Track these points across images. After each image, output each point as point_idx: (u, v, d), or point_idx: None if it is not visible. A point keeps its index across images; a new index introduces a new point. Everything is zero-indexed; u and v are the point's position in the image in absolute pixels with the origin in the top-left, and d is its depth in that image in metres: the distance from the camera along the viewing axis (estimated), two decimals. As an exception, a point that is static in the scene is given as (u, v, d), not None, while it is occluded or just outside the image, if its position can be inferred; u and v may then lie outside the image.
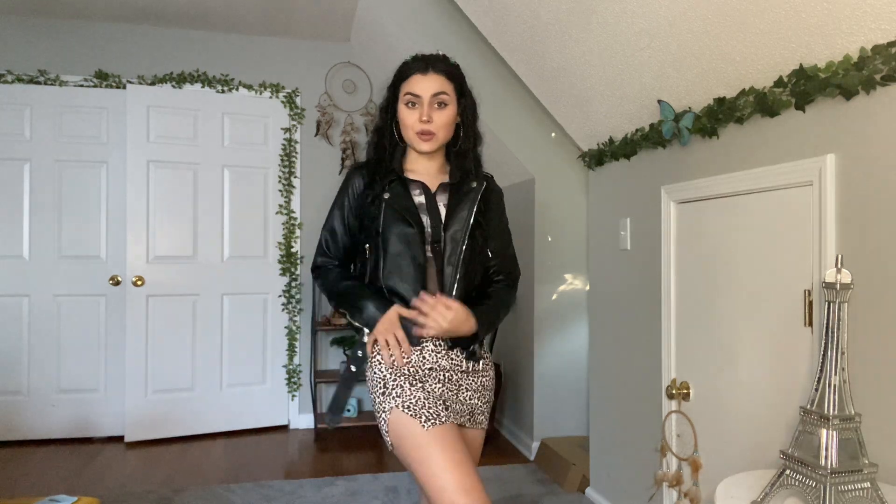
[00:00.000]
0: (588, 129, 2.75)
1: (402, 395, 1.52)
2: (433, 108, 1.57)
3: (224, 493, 3.05)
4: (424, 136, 1.57)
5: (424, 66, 1.59)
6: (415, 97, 1.57)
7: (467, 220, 1.59)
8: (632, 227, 2.53)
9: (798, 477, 1.24)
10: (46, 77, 3.92)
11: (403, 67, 1.62)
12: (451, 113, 1.60)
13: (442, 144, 1.63)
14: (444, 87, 1.58)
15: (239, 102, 4.15)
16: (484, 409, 1.67)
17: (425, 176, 1.65)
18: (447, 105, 1.59)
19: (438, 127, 1.57)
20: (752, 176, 1.81)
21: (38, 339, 3.91)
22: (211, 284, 4.06)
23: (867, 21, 1.38)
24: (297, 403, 4.28)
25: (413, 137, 1.59)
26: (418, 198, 1.62)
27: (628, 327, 2.57)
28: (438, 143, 1.60)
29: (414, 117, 1.57)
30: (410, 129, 1.58)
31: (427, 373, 1.56)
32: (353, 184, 1.67)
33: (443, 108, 1.58)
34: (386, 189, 1.60)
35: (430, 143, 1.58)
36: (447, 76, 1.60)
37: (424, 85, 1.57)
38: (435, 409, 1.50)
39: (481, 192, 1.64)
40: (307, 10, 3.86)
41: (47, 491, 3.03)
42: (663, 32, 1.94)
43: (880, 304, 1.43)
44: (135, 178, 3.87)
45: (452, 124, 1.62)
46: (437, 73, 1.58)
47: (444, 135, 1.60)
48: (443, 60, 1.62)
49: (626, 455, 2.60)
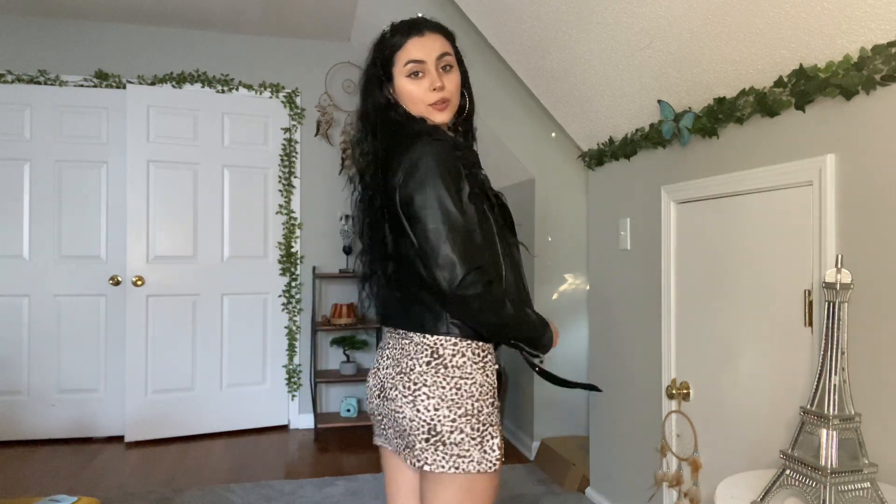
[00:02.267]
0: (588, 129, 2.75)
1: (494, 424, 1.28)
2: (440, 72, 1.35)
3: (224, 493, 3.05)
4: (440, 105, 1.34)
5: (418, 29, 1.37)
6: (418, 63, 1.34)
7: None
8: (632, 227, 2.53)
9: (798, 477, 1.24)
10: (46, 77, 3.92)
11: (392, 38, 1.38)
12: (457, 76, 1.39)
13: (454, 114, 1.40)
14: (446, 47, 1.38)
15: (239, 102, 4.15)
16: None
17: None
18: (453, 67, 1.38)
19: (451, 93, 1.36)
20: (752, 176, 1.81)
21: (38, 339, 3.91)
22: (211, 284, 4.06)
23: (867, 21, 1.38)
24: (297, 403, 4.28)
25: (425, 109, 1.35)
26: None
27: (628, 327, 2.57)
28: (453, 112, 1.38)
29: (423, 87, 1.34)
30: (420, 102, 1.34)
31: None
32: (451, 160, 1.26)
33: (449, 71, 1.36)
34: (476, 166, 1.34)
35: (447, 113, 1.36)
36: (444, 34, 1.40)
37: (428, 47, 1.35)
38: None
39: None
40: (307, 10, 3.86)
41: (47, 491, 3.03)
42: (663, 32, 1.94)
43: (880, 304, 1.43)
44: (135, 178, 3.87)
45: (460, 89, 1.40)
46: (433, 32, 1.38)
47: (456, 101, 1.38)
48: (430, 20, 1.42)
49: (626, 455, 2.60)
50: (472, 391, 1.24)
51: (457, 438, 1.22)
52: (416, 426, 1.23)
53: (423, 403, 1.23)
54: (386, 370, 1.33)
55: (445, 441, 1.22)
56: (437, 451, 1.22)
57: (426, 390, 1.23)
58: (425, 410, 1.23)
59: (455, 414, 1.22)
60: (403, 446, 1.29)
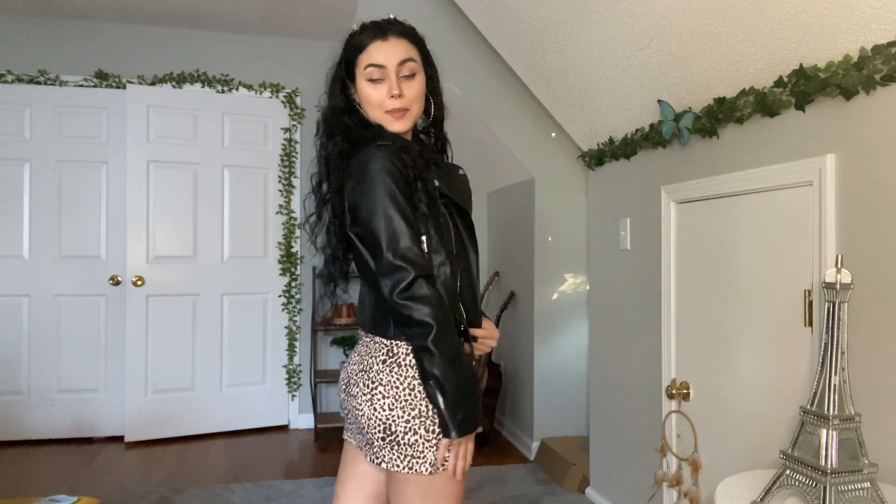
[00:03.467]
0: (588, 129, 2.75)
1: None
2: (400, 79, 1.32)
3: (224, 493, 3.05)
4: (398, 113, 1.31)
5: (382, 32, 1.34)
6: (378, 68, 1.31)
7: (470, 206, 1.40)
8: (632, 227, 2.53)
9: (798, 477, 1.24)
10: (46, 77, 3.92)
11: (356, 39, 1.37)
12: (421, 83, 1.35)
13: (415, 121, 1.39)
14: (410, 53, 1.34)
15: (239, 102, 4.15)
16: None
17: None
18: (416, 74, 1.34)
19: (411, 101, 1.33)
20: (752, 176, 1.81)
21: (38, 339, 3.91)
22: (211, 284, 4.06)
23: (867, 21, 1.38)
24: (297, 403, 4.28)
25: (382, 117, 1.32)
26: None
27: (628, 327, 2.57)
28: (412, 121, 1.36)
29: (381, 93, 1.31)
30: (378, 109, 1.32)
31: None
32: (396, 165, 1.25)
33: (411, 79, 1.33)
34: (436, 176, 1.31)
35: (405, 122, 1.33)
36: (409, 39, 1.36)
37: (387, 52, 1.32)
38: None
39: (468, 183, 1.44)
40: (307, 10, 3.86)
41: (47, 491, 3.03)
42: (663, 32, 1.94)
43: (880, 304, 1.43)
44: (135, 178, 3.87)
45: (423, 96, 1.37)
46: (398, 37, 1.34)
47: (416, 109, 1.36)
48: (398, 23, 1.38)
49: (626, 455, 2.60)
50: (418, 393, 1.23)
51: (411, 440, 1.22)
52: (374, 424, 1.24)
53: (378, 402, 1.24)
54: (352, 366, 1.35)
55: (400, 441, 1.22)
56: (393, 451, 1.22)
57: (381, 389, 1.24)
58: (381, 409, 1.23)
59: (409, 415, 1.22)
60: (364, 442, 1.30)
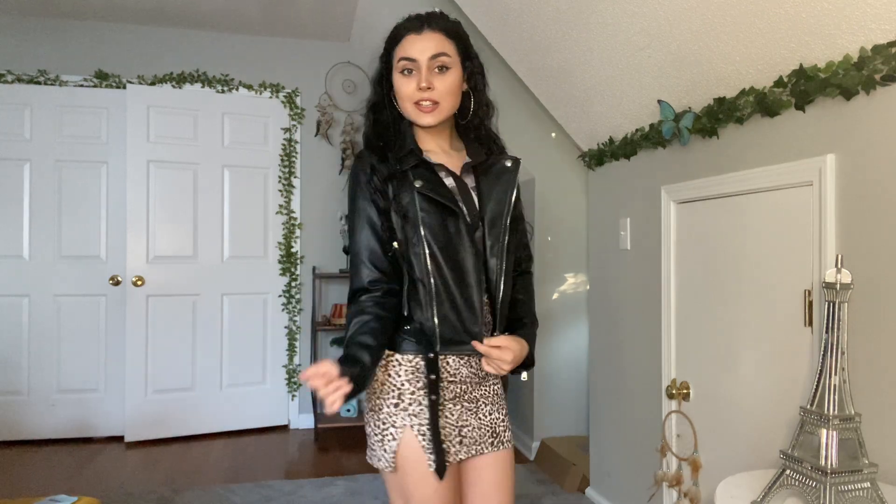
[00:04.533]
0: (588, 129, 2.75)
1: (421, 416, 1.31)
2: (432, 72, 1.32)
3: (224, 493, 3.05)
4: (426, 106, 1.32)
5: (419, 25, 1.34)
6: (410, 62, 1.32)
7: (507, 203, 1.36)
8: (632, 227, 2.53)
9: (798, 477, 1.24)
10: (46, 77, 3.92)
11: (395, 29, 1.38)
12: (454, 78, 1.34)
13: (447, 116, 1.37)
14: (444, 47, 1.33)
15: (239, 102, 4.15)
16: (507, 422, 1.43)
17: (441, 156, 1.40)
18: (449, 69, 1.33)
19: (441, 95, 1.32)
20: (752, 176, 1.81)
21: (38, 339, 3.90)
22: (211, 284, 4.06)
23: (867, 21, 1.38)
24: (297, 403, 4.28)
25: (412, 110, 1.34)
26: (447, 180, 1.36)
27: (628, 327, 2.57)
28: (442, 115, 1.34)
29: (411, 86, 1.32)
30: (408, 100, 1.33)
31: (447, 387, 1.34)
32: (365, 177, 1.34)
33: (444, 72, 1.33)
34: (411, 174, 1.32)
35: (433, 115, 1.33)
36: (446, 34, 1.35)
37: (420, 46, 1.32)
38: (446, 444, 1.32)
39: (518, 171, 1.41)
40: (307, 10, 3.86)
41: (47, 491, 3.03)
42: (663, 32, 1.94)
43: (880, 304, 1.42)
44: (135, 178, 3.87)
45: (458, 92, 1.36)
46: (433, 31, 1.34)
47: (448, 104, 1.34)
48: (440, 17, 1.37)
49: (626, 455, 2.60)
50: (374, 388, 1.35)
51: (368, 431, 1.38)
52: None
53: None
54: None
55: (366, 432, 1.39)
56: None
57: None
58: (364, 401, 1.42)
59: (367, 408, 1.39)
60: None
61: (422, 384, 1.32)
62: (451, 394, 1.35)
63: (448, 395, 1.34)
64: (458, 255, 1.31)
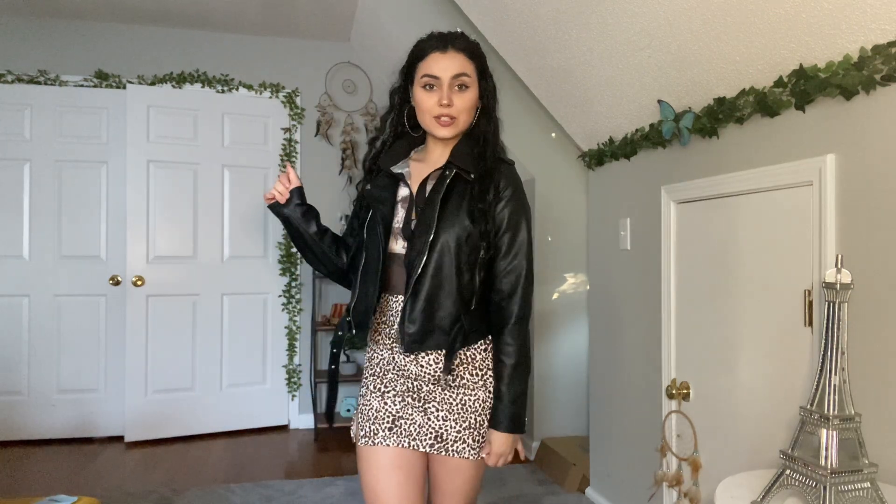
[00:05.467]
0: (588, 129, 2.75)
1: (363, 398, 1.51)
2: (453, 90, 1.44)
3: (224, 493, 3.05)
4: (445, 121, 1.44)
5: (443, 45, 1.45)
6: (433, 79, 1.44)
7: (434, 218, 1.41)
8: (632, 227, 2.53)
9: (798, 477, 1.24)
10: (46, 77, 3.92)
11: (420, 46, 1.49)
12: (472, 96, 1.47)
13: (462, 131, 1.50)
14: (465, 68, 1.45)
15: (239, 102, 4.15)
16: (463, 435, 1.44)
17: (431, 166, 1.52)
18: (468, 88, 1.46)
19: (459, 111, 1.44)
20: (752, 176, 1.81)
21: (38, 339, 3.90)
22: (211, 284, 4.06)
23: (867, 21, 1.38)
24: (297, 403, 4.28)
25: (431, 122, 1.46)
26: (403, 189, 1.51)
27: (628, 327, 2.57)
28: (458, 129, 1.47)
29: (432, 101, 1.44)
30: (428, 114, 1.45)
31: (392, 378, 1.48)
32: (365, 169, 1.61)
33: (464, 90, 1.45)
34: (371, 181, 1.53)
35: (450, 129, 1.45)
36: (468, 55, 1.47)
37: (444, 64, 1.44)
38: (375, 426, 1.46)
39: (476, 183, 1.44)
40: (307, 10, 3.86)
41: (47, 491, 3.03)
42: (663, 32, 1.94)
43: (880, 304, 1.42)
44: (135, 178, 3.87)
45: (474, 109, 1.49)
46: (457, 52, 1.45)
47: (464, 119, 1.47)
48: (462, 38, 1.49)
49: (626, 455, 2.59)
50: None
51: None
52: None
53: None
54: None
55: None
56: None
57: None
58: None
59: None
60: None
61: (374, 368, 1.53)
62: (401, 386, 1.46)
63: (398, 387, 1.46)
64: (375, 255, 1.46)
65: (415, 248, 1.42)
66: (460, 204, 1.43)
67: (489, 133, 1.50)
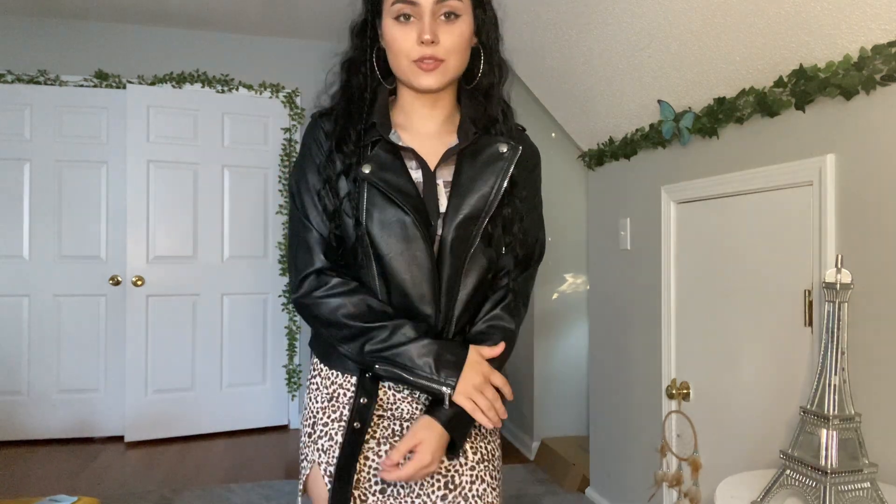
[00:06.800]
0: (588, 129, 2.75)
1: (330, 453, 1.06)
2: (438, 21, 1.03)
3: (224, 493, 3.05)
4: (427, 63, 1.03)
5: None
6: (409, 5, 1.02)
7: (490, 198, 1.06)
8: (632, 227, 2.53)
9: (798, 477, 1.24)
10: (46, 77, 3.92)
11: None
12: (464, 28, 1.05)
13: (453, 78, 1.08)
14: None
15: (239, 102, 4.14)
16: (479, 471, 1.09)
17: (424, 137, 1.12)
18: (459, 17, 1.04)
19: (448, 50, 1.03)
20: (752, 176, 1.81)
21: (38, 339, 3.90)
22: (211, 284, 4.06)
23: (867, 21, 1.38)
24: (296, 403, 4.28)
25: (409, 68, 1.04)
26: (415, 172, 1.08)
27: (628, 327, 2.57)
28: (448, 76, 1.06)
29: (410, 37, 1.03)
30: (404, 56, 1.04)
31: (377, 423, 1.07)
32: (317, 144, 1.11)
33: (453, 20, 1.03)
34: (365, 158, 1.07)
35: (437, 76, 1.04)
36: None
37: None
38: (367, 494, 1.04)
39: (515, 160, 1.10)
40: (307, 10, 3.86)
41: (47, 491, 3.03)
42: (663, 32, 1.94)
43: (880, 304, 1.43)
44: (135, 178, 3.87)
45: (468, 47, 1.08)
46: None
47: (455, 62, 1.06)
48: None
49: (626, 455, 2.60)
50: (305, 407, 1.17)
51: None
52: None
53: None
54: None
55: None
56: None
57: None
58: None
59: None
60: None
61: (338, 415, 1.08)
62: (384, 431, 1.07)
63: (379, 433, 1.07)
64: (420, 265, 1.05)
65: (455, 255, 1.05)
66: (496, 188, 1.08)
67: (494, 84, 1.13)
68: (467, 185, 1.07)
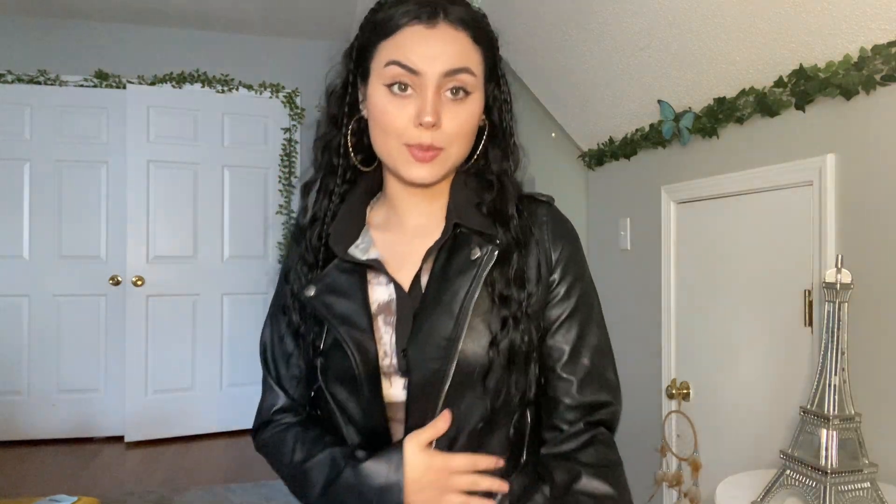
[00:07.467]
0: (588, 129, 2.75)
1: None
2: (444, 97, 0.81)
3: (224, 493, 3.05)
4: (424, 153, 0.81)
5: (431, 12, 0.81)
6: (410, 73, 0.80)
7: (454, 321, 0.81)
8: (632, 227, 2.53)
9: (798, 477, 1.24)
10: (46, 77, 3.92)
11: (382, 11, 0.84)
12: (474, 109, 0.84)
13: (452, 169, 0.87)
14: (467, 59, 0.82)
15: (239, 102, 4.15)
16: None
17: (412, 235, 0.89)
18: (470, 94, 0.82)
19: (451, 137, 0.81)
20: (752, 176, 1.81)
21: (38, 339, 3.90)
22: (211, 284, 4.06)
23: (867, 21, 1.38)
24: (297, 403, 4.28)
25: (399, 154, 0.82)
26: (384, 289, 0.86)
27: (628, 327, 2.57)
28: (447, 168, 0.84)
29: (405, 113, 0.80)
30: (395, 137, 0.81)
31: None
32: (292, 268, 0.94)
33: (461, 98, 0.81)
34: (316, 277, 0.87)
35: (433, 168, 0.82)
36: (473, 33, 0.84)
37: (431, 49, 0.80)
38: None
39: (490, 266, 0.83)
40: (307, 10, 3.86)
41: (47, 491, 3.03)
42: (663, 32, 1.94)
43: (880, 304, 1.42)
44: (135, 178, 3.87)
45: (473, 132, 0.86)
46: (453, 27, 0.82)
47: (458, 151, 0.84)
48: (461, 3, 0.85)
49: (626, 455, 2.58)
50: None
51: None
52: None
53: None
54: None
55: None
56: None
57: None
58: None
59: None
60: None
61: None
62: None
63: None
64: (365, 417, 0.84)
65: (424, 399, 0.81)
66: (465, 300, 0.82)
67: (506, 172, 0.92)
68: (434, 300, 0.82)
